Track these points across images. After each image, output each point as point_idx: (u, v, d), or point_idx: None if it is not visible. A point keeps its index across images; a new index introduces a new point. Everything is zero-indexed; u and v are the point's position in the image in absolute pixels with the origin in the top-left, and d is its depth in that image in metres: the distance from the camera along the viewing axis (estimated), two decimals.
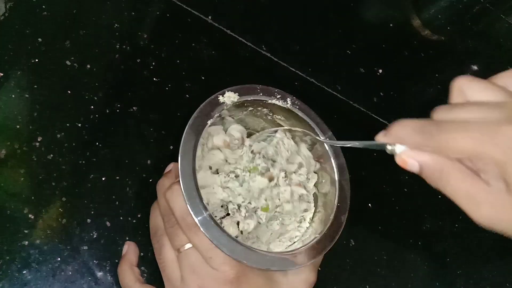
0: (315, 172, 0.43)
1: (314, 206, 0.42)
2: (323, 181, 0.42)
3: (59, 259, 0.35)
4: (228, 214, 0.38)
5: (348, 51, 0.60)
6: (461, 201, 0.25)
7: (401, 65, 0.64)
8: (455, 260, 0.53)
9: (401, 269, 0.49)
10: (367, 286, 0.47)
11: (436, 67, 0.68)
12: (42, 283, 0.34)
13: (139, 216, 0.39)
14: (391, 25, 0.67)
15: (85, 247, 0.36)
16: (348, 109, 0.55)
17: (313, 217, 0.41)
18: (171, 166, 0.38)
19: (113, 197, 0.39)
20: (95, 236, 0.37)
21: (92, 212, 0.38)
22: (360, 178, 0.42)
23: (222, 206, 0.39)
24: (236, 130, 0.41)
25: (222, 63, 0.50)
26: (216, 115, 0.36)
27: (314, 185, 0.42)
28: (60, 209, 0.37)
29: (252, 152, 0.41)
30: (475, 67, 0.72)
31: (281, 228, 0.40)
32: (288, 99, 0.40)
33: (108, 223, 0.38)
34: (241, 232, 0.38)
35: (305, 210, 0.41)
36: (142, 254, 0.38)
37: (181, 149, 0.33)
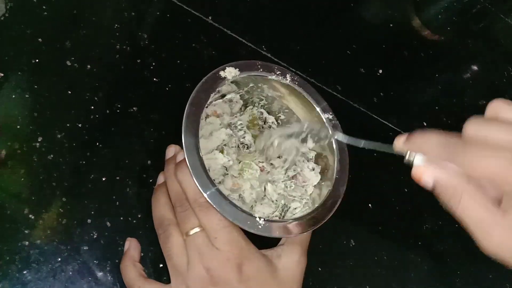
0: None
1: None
2: (323, 154, 0.42)
3: (59, 259, 0.35)
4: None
5: (348, 51, 0.60)
6: (471, 225, 0.25)
7: (401, 65, 0.64)
8: (455, 260, 0.53)
9: (401, 269, 0.49)
10: (367, 286, 0.47)
11: (436, 67, 0.68)
12: (43, 283, 0.34)
13: (139, 216, 0.39)
14: (391, 25, 0.67)
15: (86, 247, 0.36)
16: (348, 109, 0.55)
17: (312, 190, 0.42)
18: (171, 150, 0.39)
19: (113, 197, 0.39)
20: (95, 236, 0.37)
21: (92, 212, 0.38)
22: (360, 178, 0.42)
23: (224, 168, 0.40)
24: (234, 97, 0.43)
25: (222, 63, 0.49)
26: (218, 89, 0.37)
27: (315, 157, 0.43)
28: (60, 209, 0.37)
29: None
30: (475, 67, 0.72)
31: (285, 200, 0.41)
32: (288, 75, 0.41)
33: (108, 223, 0.38)
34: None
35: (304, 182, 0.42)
36: (142, 254, 0.38)
37: (183, 124, 0.34)
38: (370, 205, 0.51)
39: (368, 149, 0.33)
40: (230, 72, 0.38)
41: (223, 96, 0.42)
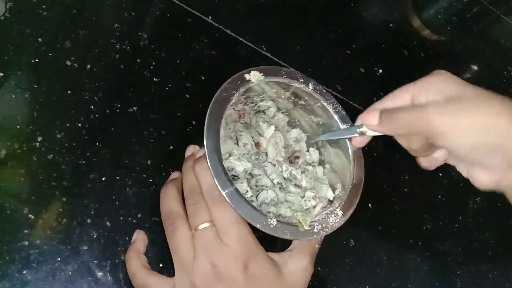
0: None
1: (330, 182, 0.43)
2: (338, 158, 0.43)
3: (59, 259, 0.35)
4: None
5: (348, 51, 0.60)
6: (415, 124, 0.32)
7: (401, 65, 0.64)
8: (455, 260, 0.53)
9: (401, 269, 0.49)
10: (367, 286, 0.47)
11: (436, 67, 0.67)
12: (42, 283, 0.34)
13: (139, 216, 0.39)
14: (391, 25, 0.67)
15: (85, 247, 0.36)
16: (348, 109, 0.55)
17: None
18: (190, 149, 0.39)
19: (113, 197, 0.39)
20: (95, 236, 0.37)
21: (92, 212, 0.38)
22: None
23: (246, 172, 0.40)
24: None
25: (222, 63, 0.50)
26: (242, 91, 0.37)
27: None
28: (60, 209, 0.37)
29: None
30: (475, 67, 0.72)
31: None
32: (310, 84, 0.41)
33: (108, 223, 0.38)
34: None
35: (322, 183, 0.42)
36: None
37: (206, 122, 0.34)
38: (370, 205, 0.51)
39: (369, 150, 0.35)
40: (254, 76, 0.38)
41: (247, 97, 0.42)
